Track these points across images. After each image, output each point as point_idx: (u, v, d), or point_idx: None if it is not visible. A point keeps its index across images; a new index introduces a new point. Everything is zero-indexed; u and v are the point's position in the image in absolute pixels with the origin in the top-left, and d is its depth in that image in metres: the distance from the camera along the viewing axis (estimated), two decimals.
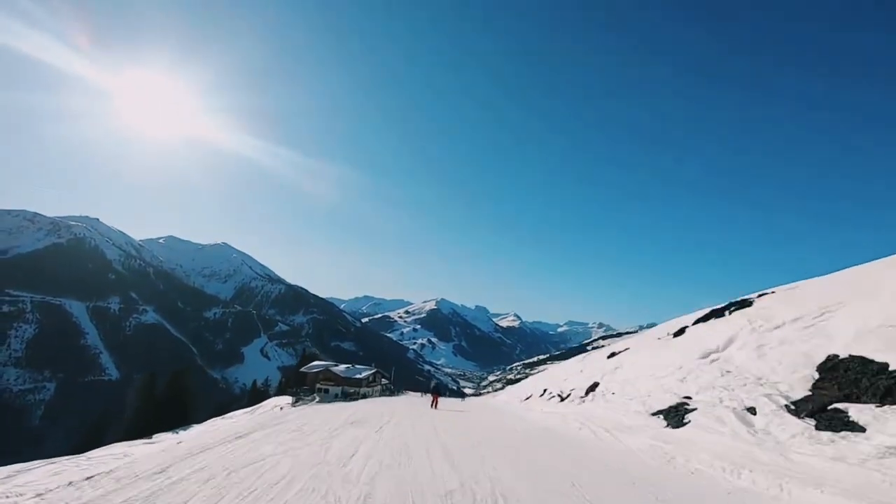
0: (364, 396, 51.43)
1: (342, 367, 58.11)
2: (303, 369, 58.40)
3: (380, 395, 56.85)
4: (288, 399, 47.07)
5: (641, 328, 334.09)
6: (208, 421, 44.36)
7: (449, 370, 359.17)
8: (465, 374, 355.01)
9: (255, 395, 62.50)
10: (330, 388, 52.79)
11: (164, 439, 34.21)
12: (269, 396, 59.46)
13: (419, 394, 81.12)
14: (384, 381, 64.45)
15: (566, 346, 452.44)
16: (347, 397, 50.14)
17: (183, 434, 34.29)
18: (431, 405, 22.89)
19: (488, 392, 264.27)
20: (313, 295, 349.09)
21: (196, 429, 39.03)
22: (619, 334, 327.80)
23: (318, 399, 47.35)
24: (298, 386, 55.63)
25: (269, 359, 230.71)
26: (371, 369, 58.93)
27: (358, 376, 53.77)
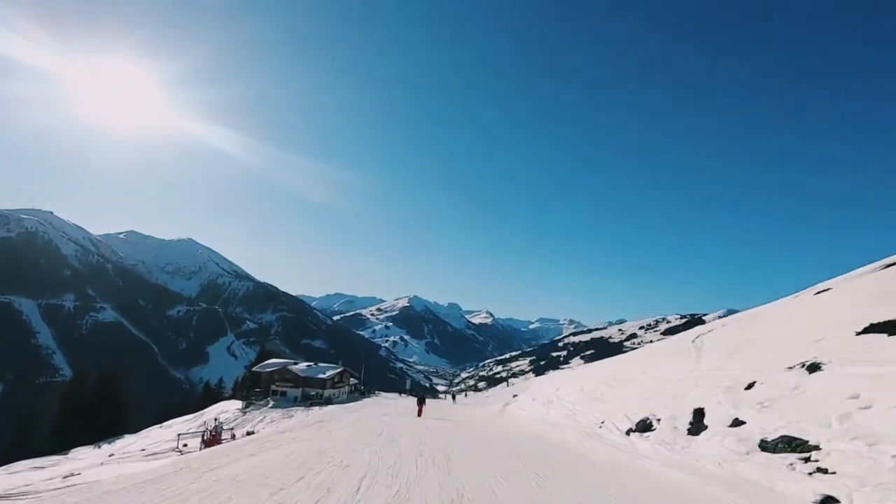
0: (328, 400, 45.37)
1: (302, 365, 51.48)
2: (256, 368, 51.34)
3: (347, 398, 50.37)
4: (237, 404, 42.51)
5: (611, 324, 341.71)
6: (143, 431, 40.77)
7: (421, 367, 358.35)
8: (437, 371, 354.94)
9: (207, 397, 57.54)
10: (288, 391, 46.36)
11: (77, 457, 30.72)
12: (223, 398, 55.21)
13: (395, 395, 68.12)
14: (353, 380, 58.98)
15: (538, 342, 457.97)
16: (308, 401, 44.27)
17: (92, 454, 30.64)
18: (418, 413, 22.97)
19: (459, 387, 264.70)
20: (283, 292, 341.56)
21: (121, 442, 35.20)
22: (590, 330, 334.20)
23: (271, 404, 42.23)
24: (251, 388, 49.70)
25: (236, 357, 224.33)
26: (337, 368, 53.26)
27: (321, 376, 48.00)
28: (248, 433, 27.06)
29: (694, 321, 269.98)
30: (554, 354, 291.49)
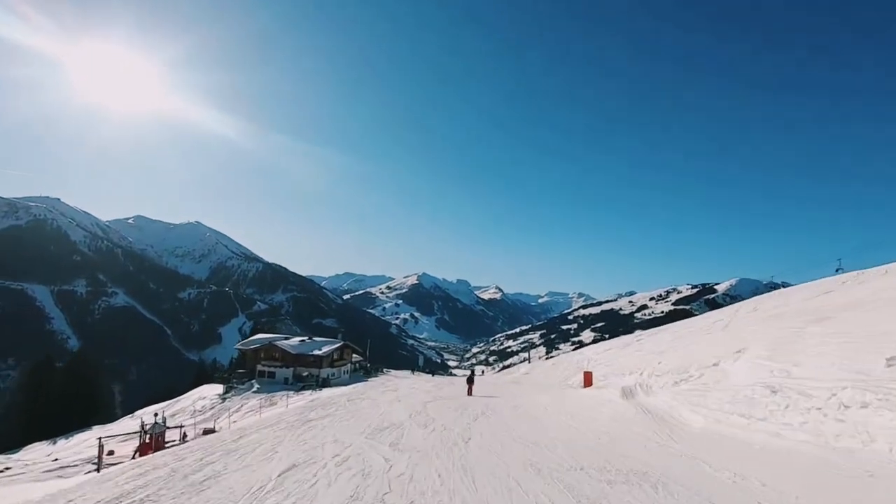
0: (325, 382, 38.80)
1: (294, 340, 45.02)
2: (239, 345, 45.72)
3: (349, 378, 43.56)
4: (218, 389, 38.44)
5: (620, 296, 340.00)
6: (114, 422, 36.62)
7: (432, 344, 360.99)
8: (448, 347, 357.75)
9: (201, 378, 55.15)
10: (276, 371, 40.40)
11: (22, 458, 27.80)
12: (220, 377, 51.67)
13: (406, 372, 61.71)
14: (356, 357, 52.39)
15: (547, 316, 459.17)
16: (300, 383, 38.67)
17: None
18: (468, 392, 23.20)
19: (470, 361, 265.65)
20: (293, 273, 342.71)
21: (79, 437, 31.45)
22: (599, 303, 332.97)
23: (255, 387, 37.30)
24: (237, 368, 44.80)
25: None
26: (336, 343, 46.07)
27: (317, 352, 41.30)
28: (206, 431, 22.12)
29: (706, 290, 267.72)
30: (564, 328, 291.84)
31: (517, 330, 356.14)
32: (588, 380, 23.15)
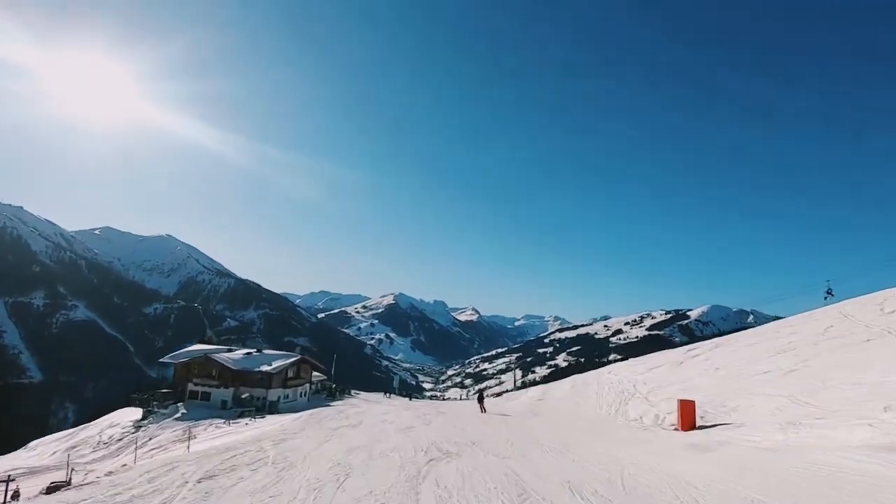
0: (273, 407, 31.48)
1: (239, 353, 37.06)
2: (166, 358, 37.88)
3: (308, 402, 36.68)
4: (136, 413, 30.94)
5: (595, 320, 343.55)
6: (11, 454, 29.14)
7: (407, 365, 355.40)
8: (423, 369, 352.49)
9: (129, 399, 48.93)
10: (212, 391, 32.90)
11: None
12: (139, 399, 43.71)
13: (379, 395, 55.72)
14: (318, 376, 44.97)
15: (523, 339, 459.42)
16: (240, 406, 31.33)
17: None
18: (482, 409, 25.27)
19: (446, 384, 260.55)
20: (266, 289, 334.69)
21: None
22: (575, 326, 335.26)
23: (180, 412, 29.79)
24: (169, 386, 38.10)
25: None
26: (290, 357, 37.79)
27: (265, 368, 33.57)
28: (52, 488, 14.54)
29: (679, 316, 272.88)
30: (540, 351, 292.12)
31: (493, 353, 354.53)
32: (689, 417, 14.29)
